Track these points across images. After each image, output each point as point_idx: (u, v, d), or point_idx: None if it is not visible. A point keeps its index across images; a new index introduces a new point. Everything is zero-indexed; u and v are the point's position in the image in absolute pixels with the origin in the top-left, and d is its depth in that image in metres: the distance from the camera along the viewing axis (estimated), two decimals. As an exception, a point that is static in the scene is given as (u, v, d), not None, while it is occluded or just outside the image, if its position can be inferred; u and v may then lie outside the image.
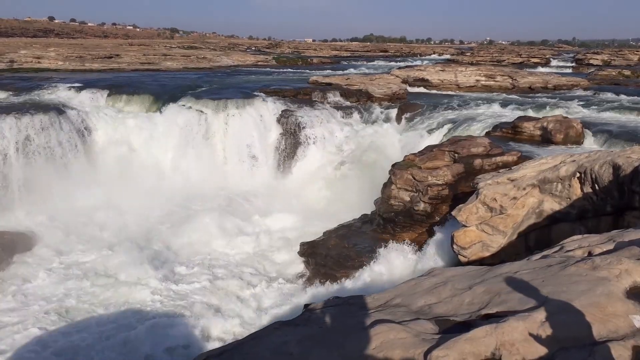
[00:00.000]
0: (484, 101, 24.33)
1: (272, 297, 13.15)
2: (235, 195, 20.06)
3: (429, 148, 15.32)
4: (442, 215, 13.29)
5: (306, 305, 5.66)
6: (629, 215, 8.91)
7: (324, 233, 15.12)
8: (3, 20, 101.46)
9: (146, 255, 14.98)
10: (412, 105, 23.51)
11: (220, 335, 11.38)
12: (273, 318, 11.32)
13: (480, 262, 9.47)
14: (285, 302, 12.61)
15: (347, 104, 24.21)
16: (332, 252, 14.02)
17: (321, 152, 20.78)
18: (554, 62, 61.52)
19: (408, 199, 13.92)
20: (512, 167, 11.12)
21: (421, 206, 13.59)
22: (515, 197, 9.95)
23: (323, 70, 42.48)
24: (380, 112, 22.97)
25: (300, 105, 22.88)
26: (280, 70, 44.47)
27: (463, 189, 13.04)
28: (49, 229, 16.65)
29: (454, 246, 10.12)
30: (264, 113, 22.28)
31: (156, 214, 18.04)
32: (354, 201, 16.96)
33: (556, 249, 6.30)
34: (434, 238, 12.49)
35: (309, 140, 21.13)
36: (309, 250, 14.62)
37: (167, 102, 22.96)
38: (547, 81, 30.31)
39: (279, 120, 22.06)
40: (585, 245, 6.00)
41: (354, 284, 12.11)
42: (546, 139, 16.77)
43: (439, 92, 29.29)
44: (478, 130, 18.75)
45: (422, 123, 21.12)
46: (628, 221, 8.69)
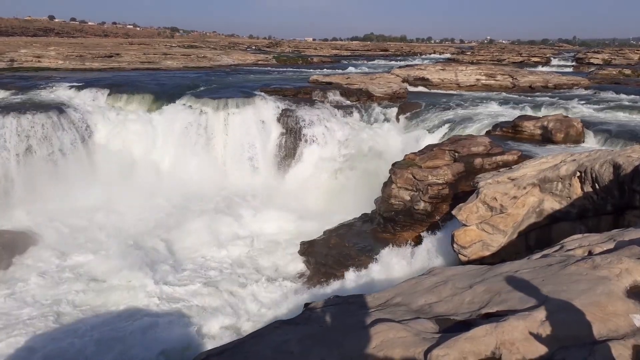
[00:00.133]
0: (484, 100, 24.33)
1: (273, 296, 13.14)
2: (235, 194, 20.07)
3: (429, 147, 15.32)
4: (442, 214, 13.30)
5: (306, 304, 5.67)
6: (629, 214, 8.90)
7: (324, 232, 15.14)
8: (3, 20, 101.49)
9: (142, 258, 14.84)
10: (412, 104, 23.49)
11: (220, 335, 11.29)
12: (273, 317, 11.32)
13: (481, 261, 9.46)
14: (285, 301, 12.61)
15: (348, 103, 24.19)
16: (333, 251, 14.04)
17: (321, 151, 20.76)
18: (555, 61, 61.58)
19: (408, 198, 13.92)
20: (513, 166, 11.10)
21: (421, 205, 13.59)
22: (516, 196, 9.94)
23: (323, 70, 42.49)
24: (381, 111, 22.95)
25: (300, 105, 22.86)
26: (281, 69, 44.46)
27: (463, 188, 13.04)
28: (47, 229, 16.61)
29: (454, 245, 10.12)
30: (264, 112, 22.27)
31: (155, 215, 18.00)
32: (354, 200, 16.96)
33: (556, 248, 6.30)
34: (434, 237, 12.50)
35: (309, 140, 21.11)
36: (309, 249, 14.64)
37: (168, 102, 22.99)
38: (548, 80, 30.29)
39: (279, 120, 22.05)
40: (585, 244, 6.00)
41: (354, 282, 12.11)
42: (546, 138, 16.77)
43: (439, 91, 29.29)
44: (478, 129, 18.75)
45: (422, 122, 21.12)
46: (628, 220, 8.69)
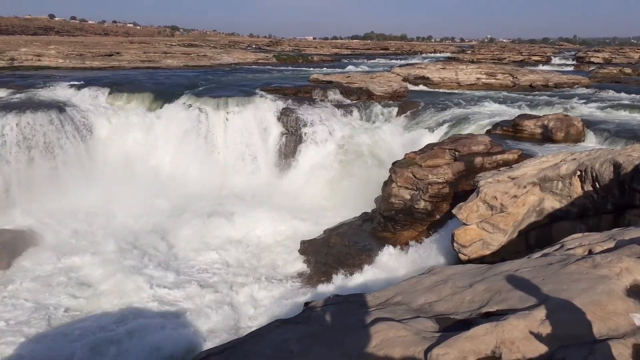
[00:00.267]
0: (484, 99, 24.31)
1: (273, 295, 13.13)
2: (235, 194, 20.06)
3: (430, 146, 15.30)
4: (442, 213, 13.30)
5: (306, 303, 5.67)
6: (629, 213, 8.91)
7: (325, 231, 15.15)
8: (3, 18, 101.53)
9: (139, 260, 14.74)
10: (412, 103, 23.46)
11: (219, 335, 11.20)
12: (273, 316, 11.28)
13: (481, 260, 9.47)
14: (285, 300, 12.60)
15: (348, 102, 24.17)
16: (333, 250, 14.04)
17: (321, 150, 20.73)
18: (555, 60, 61.53)
19: (408, 197, 13.91)
20: (513, 166, 11.10)
21: (422, 204, 13.59)
22: (516, 195, 9.94)
23: (323, 68, 42.47)
24: (381, 110, 22.93)
25: (300, 103, 22.83)
26: (281, 68, 44.48)
27: (464, 187, 13.04)
28: (47, 229, 16.55)
29: (455, 244, 10.12)
30: (265, 111, 22.25)
31: (154, 215, 17.89)
32: (354, 199, 16.95)
33: (557, 247, 6.31)
34: (435, 236, 12.52)
35: (309, 139, 21.09)
36: (309, 248, 14.64)
37: (168, 100, 22.97)
38: (548, 79, 30.25)
39: (279, 118, 22.03)
40: (585, 243, 6.00)
41: (354, 282, 12.11)
42: (547, 137, 16.76)
43: (439, 90, 29.25)
44: (478, 128, 18.73)
45: (422, 121, 21.09)
46: (629, 219, 8.69)
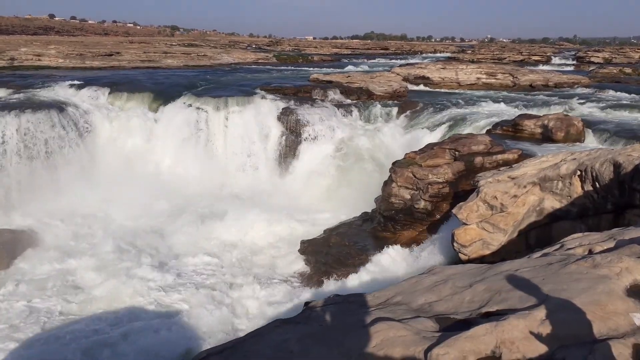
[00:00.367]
0: (484, 99, 24.31)
1: (273, 294, 13.12)
2: (235, 193, 20.08)
3: (430, 146, 15.30)
4: (442, 213, 13.30)
5: (306, 303, 5.67)
6: (629, 213, 8.90)
7: (325, 231, 15.15)
8: (4, 18, 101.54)
9: (137, 261, 14.66)
10: (412, 103, 23.46)
11: (219, 335, 11.17)
12: (273, 316, 11.28)
13: (481, 260, 9.47)
14: (285, 300, 12.60)
15: (348, 101, 24.16)
16: (333, 250, 14.04)
17: (322, 150, 20.71)
18: (555, 60, 61.52)
19: (409, 197, 13.91)
20: (513, 165, 11.10)
21: (422, 204, 13.58)
22: (516, 195, 9.94)
23: (323, 68, 42.45)
24: (381, 110, 22.92)
25: (300, 103, 22.82)
26: (281, 67, 44.47)
27: (464, 187, 13.04)
28: (46, 229, 16.51)
29: (455, 244, 10.12)
30: (265, 111, 22.24)
31: (153, 215, 17.85)
32: (354, 199, 16.95)
33: (557, 247, 6.30)
34: (435, 236, 12.51)
35: (309, 138, 21.09)
36: (309, 248, 14.64)
37: (168, 100, 22.96)
38: (548, 79, 30.25)
39: (279, 118, 22.02)
40: (585, 243, 6.00)
41: (354, 281, 12.10)
42: (547, 137, 16.75)
43: (440, 90, 29.25)
44: (479, 128, 18.73)
45: (422, 121, 21.09)
46: (629, 219, 8.69)
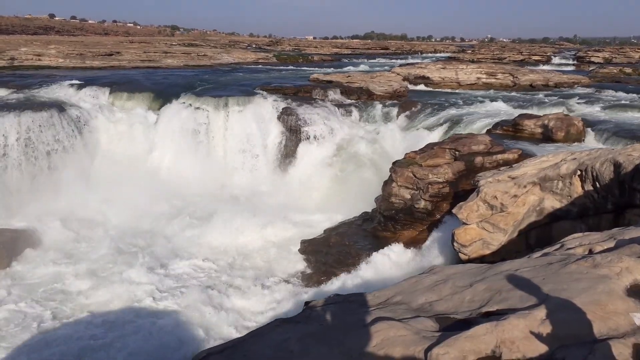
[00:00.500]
0: (484, 99, 24.31)
1: (273, 294, 13.13)
2: (235, 193, 20.08)
3: (430, 146, 15.31)
4: (442, 213, 13.30)
5: (307, 303, 5.68)
6: (629, 213, 8.91)
7: (325, 231, 15.16)
8: (4, 18, 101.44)
9: (135, 262, 14.63)
10: (413, 102, 23.47)
11: (219, 334, 11.18)
12: (274, 315, 11.31)
13: (481, 259, 9.47)
14: (285, 300, 12.61)
15: (348, 101, 24.17)
16: (333, 250, 14.05)
17: (322, 149, 20.72)
18: (555, 60, 61.47)
19: (409, 196, 13.92)
20: (513, 165, 11.11)
21: (422, 204, 13.59)
22: (516, 194, 9.94)
23: (323, 68, 42.42)
24: (381, 109, 22.93)
25: (300, 103, 22.83)
26: (281, 67, 44.45)
27: (464, 187, 13.05)
28: (45, 230, 16.49)
29: (455, 244, 10.12)
30: (265, 111, 22.25)
31: (153, 215, 17.83)
32: (354, 199, 16.95)
33: (557, 246, 6.30)
34: (435, 236, 12.52)
35: (309, 138, 21.10)
36: (309, 247, 14.64)
37: (168, 100, 22.96)
38: (548, 79, 30.24)
39: (279, 118, 22.03)
40: (586, 243, 6.00)
41: (354, 281, 12.11)
42: (547, 137, 16.75)
43: (440, 90, 29.25)
44: (479, 128, 18.74)
45: (423, 121, 21.10)
46: (629, 219, 8.69)
